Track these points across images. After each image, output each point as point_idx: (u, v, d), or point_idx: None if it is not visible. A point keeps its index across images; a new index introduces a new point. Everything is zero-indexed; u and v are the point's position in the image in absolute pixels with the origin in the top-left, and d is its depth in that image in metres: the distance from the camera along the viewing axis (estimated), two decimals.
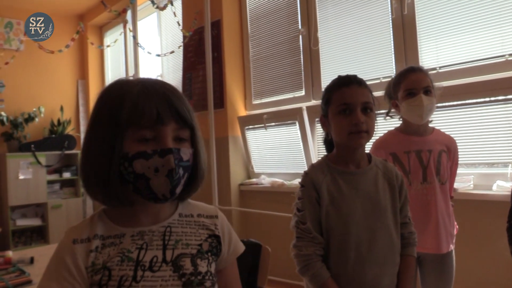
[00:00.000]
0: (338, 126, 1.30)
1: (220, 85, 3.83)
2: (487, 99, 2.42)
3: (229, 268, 1.04)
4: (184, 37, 4.05)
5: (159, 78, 0.99)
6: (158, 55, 4.36)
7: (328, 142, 1.44)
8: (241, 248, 1.06)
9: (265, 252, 1.75)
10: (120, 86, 0.91)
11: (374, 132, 1.33)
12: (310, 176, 1.33)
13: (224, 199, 3.71)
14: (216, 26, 3.86)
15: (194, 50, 4.13)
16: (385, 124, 2.13)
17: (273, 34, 3.68)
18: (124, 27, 4.96)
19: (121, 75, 5.48)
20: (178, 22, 3.89)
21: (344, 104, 1.29)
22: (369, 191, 1.33)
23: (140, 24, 5.24)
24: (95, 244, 0.89)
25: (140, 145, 0.86)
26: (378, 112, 1.93)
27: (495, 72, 2.44)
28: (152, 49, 4.53)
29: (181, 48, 4.22)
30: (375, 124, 1.32)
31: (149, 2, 3.86)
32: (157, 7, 3.66)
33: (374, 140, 1.86)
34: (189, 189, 0.96)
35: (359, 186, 1.32)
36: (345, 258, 1.27)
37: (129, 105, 0.86)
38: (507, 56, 2.40)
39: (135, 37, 4.38)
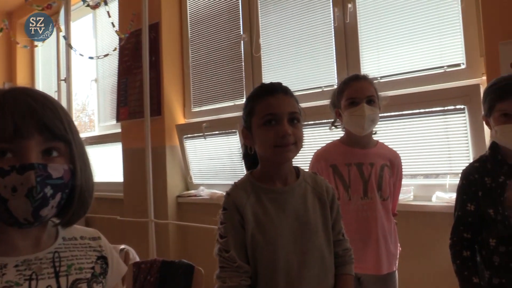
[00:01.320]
0: (263, 139, 1.17)
1: (158, 91, 3.63)
2: (426, 110, 2.41)
3: None
4: (120, 39, 3.81)
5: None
6: (91, 58, 4.08)
7: (248, 157, 1.29)
8: (124, 268, 0.98)
9: (198, 274, 1.58)
10: None
11: (315, 143, 1.22)
12: (233, 197, 1.19)
13: (161, 212, 3.49)
14: (155, 29, 3.66)
15: (130, 54, 3.89)
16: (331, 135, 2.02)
17: (214, 39, 3.54)
18: (56, 27, 4.63)
19: (53, 77, 5.12)
20: (112, 23, 3.64)
21: (270, 114, 1.16)
22: (298, 210, 1.20)
23: (76, 25, 4.93)
24: None
25: None
26: (325, 121, 1.86)
27: (434, 83, 2.44)
28: (86, 52, 4.24)
29: (117, 51, 3.97)
30: (303, 136, 1.21)
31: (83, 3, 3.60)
32: (88, 5, 3.40)
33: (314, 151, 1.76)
34: (69, 211, 0.82)
35: (286, 206, 1.20)
36: (274, 285, 1.14)
37: None
38: (445, 67, 2.41)
39: (66, 38, 4.07)
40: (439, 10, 2.41)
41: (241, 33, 3.34)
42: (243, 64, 3.33)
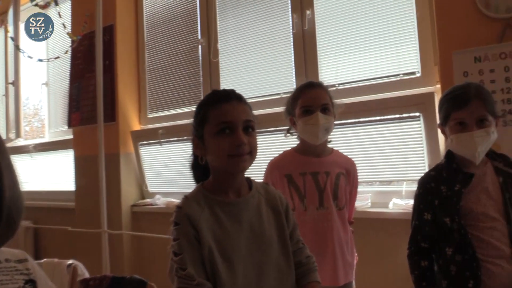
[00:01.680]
0: (216, 148, 1.11)
1: (112, 96, 3.49)
2: (383, 117, 2.42)
3: None
4: (72, 41, 3.65)
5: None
6: (40, 60, 3.88)
7: (197, 168, 1.22)
8: None
9: None
10: None
11: (275, 150, 1.17)
12: (185, 211, 1.10)
13: (114, 222, 3.34)
14: (109, 31, 3.52)
15: (83, 57, 3.73)
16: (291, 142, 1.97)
17: (171, 44, 3.45)
18: (4, 27, 4.39)
19: (0, 80, 4.84)
20: (63, 24, 3.48)
21: (224, 122, 1.11)
22: (253, 222, 1.15)
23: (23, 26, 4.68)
24: None
25: None
26: (285, 128, 1.81)
27: (390, 90, 2.46)
28: (36, 54, 4.02)
29: (69, 53, 3.80)
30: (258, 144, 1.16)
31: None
32: (37, 5, 3.23)
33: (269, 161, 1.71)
34: None
35: (241, 218, 1.14)
36: None
37: None
38: (401, 75, 2.43)
39: (13, 39, 3.86)
40: (395, 19, 2.44)
41: (199, 37, 3.27)
42: (200, 69, 3.26)
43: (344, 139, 2.54)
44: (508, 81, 1.98)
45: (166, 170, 3.43)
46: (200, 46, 3.26)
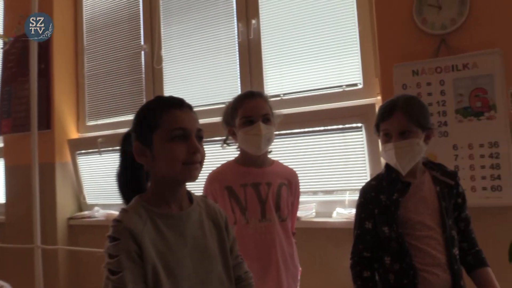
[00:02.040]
0: (170, 155, 1.05)
1: (47, 102, 3.29)
2: (326, 127, 2.46)
3: None
4: (4, 43, 3.42)
5: None
6: None
7: (125, 177, 1.15)
8: None
9: None
10: None
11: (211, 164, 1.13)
12: (126, 225, 1.01)
13: (49, 237, 3.14)
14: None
15: (16, 60, 3.51)
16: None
17: (112, 49, 3.33)
18: None
19: None
20: None
21: (180, 129, 1.06)
22: (196, 236, 1.11)
23: None
24: None
25: None
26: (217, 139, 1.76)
27: (333, 101, 2.50)
28: None
29: (0, 56, 3.56)
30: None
31: None
32: None
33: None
34: None
35: (185, 232, 1.09)
36: None
37: None
38: (344, 86, 2.48)
39: None
40: (339, 31, 2.49)
41: (142, 43, 3.17)
42: (143, 76, 3.16)
43: (288, 149, 2.55)
44: (444, 94, 2.07)
45: (106, 181, 3.27)
46: (143, 52, 3.17)
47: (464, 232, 1.43)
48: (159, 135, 1.06)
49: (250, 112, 1.57)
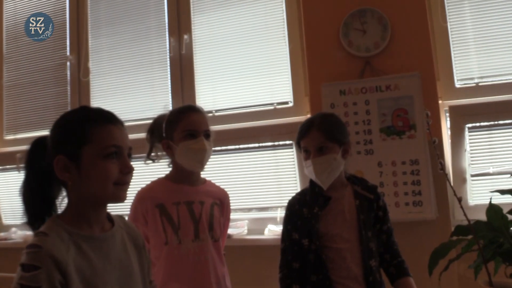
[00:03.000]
0: (102, 174, 0.98)
1: None
2: (258, 144, 2.47)
3: None
4: None
5: None
6: None
7: (34, 197, 1.04)
8: None
9: None
10: None
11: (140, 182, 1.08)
12: (48, 251, 0.90)
13: None
14: None
15: None
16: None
17: (35, 58, 3.13)
18: None
19: None
20: None
21: (115, 146, 0.99)
22: (122, 259, 1.04)
23: None
24: None
25: None
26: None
27: (265, 119, 2.53)
28: None
29: None
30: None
31: None
32: None
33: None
34: None
35: (111, 255, 1.02)
36: None
37: None
38: (275, 104, 2.52)
39: None
40: (270, 50, 2.54)
41: (68, 54, 3.02)
42: (68, 88, 3.01)
43: (219, 166, 2.53)
44: (369, 113, 2.17)
45: None
46: (68, 63, 3.02)
47: (386, 244, 1.49)
48: (89, 151, 0.98)
49: (193, 126, 1.52)
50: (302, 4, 2.37)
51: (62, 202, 1.06)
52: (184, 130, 1.52)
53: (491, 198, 1.17)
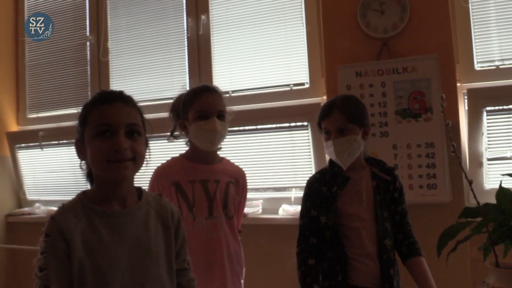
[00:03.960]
0: (94, 153, 1.02)
1: None
2: (274, 125, 2.49)
3: None
4: None
5: None
6: None
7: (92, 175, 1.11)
8: None
9: None
10: None
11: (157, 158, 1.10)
12: (58, 222, 1.00)
13: None
14: None
15: None
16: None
17: (56, 39, 3.20)
18: None
19: None
20: None
21: (104, 124, 1.02)
22: (138, 236, 1.07)
23: None
24: None
25: None
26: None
27: (281, 100, 2.54)
28: None
29: None
30: (147, 151, 1.09)
31: None
32: None
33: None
34: None
35: (124, 231, 1.06)
36: None
37: None
38: (292, 85, 2.53)
39: None
40: (287, 31, 2.54)
41: (87, 34, 3.08)
42: (88, 68, 3.08)
43: (236, 146, 2.56)
44: (385, 95, 2.16)
45: (48, 176, 3.19)
46: (88, 44, 3.08)
47: (400, 224, 1.51)
48: (87, 133, 1.04)
49: (205, 107, 1.55)
50: None
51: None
52: (197, 110, 1.55)
53: (501, 181, 1.17)
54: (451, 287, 1.96)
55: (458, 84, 2.21)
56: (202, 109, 1.55)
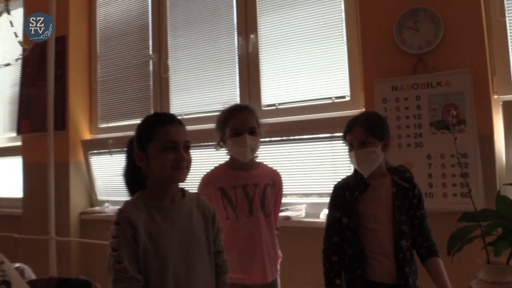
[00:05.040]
0: (162, 162, 1.31)
1: (63, 106, 3.56)
2: (316, 135, 2.68)
3: None
4: (24, 50, 3.68)
5: None
6: None
7: (132, 176, 1.43)
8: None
9: None
10: None
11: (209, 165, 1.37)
12: (126, 213, 1.31)
13: (63, 229, 3.40)
14: (61, 42, 3.59)
15: (34, 65, 3.77)
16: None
17: (123, 57, 3.58)
18: None
19: None
20: (15, 33, 3.52)
21: (170, 141, 1.32)
22: (185, 225, 1.38)
23: None
24: None
25: None
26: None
27: (324, 111, 2.72)
28: None
29: (20, 61, 3.82)
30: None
31: None
32: None
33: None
34: None
35: (175, 221, 1.36)
36: None
37: None
38: (333, 98, 2.70)
39: None
40: (329, 48, 2.71)
41: (150, 53, 3.42)
42: (151, 83, 3.41)
43: (282, 154, 2.78)
44: (419, 108, 2.29)
45: (116, 179, 3.50)
46: (151, 61, 3.42)
47: (419, 228, 1.66)
48: (153, 146, 1.33)
49: (238, 125, 1.82)
50: (359, 4, 2.52)
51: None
52: (231, 128, 1.84)
53: (499, 190, 1.30)
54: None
55: (496, 96, 2.28)
56: (235, 127, 1.83)
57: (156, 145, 1.32)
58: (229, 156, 1.94)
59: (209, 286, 1.41)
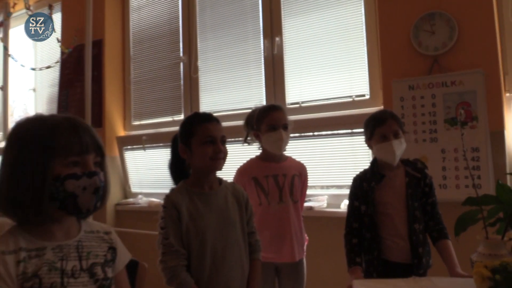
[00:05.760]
0: (203, 154, 1.55)
1: (99, 104, 3.82)
2: (337, 132, 2.87)
3: (121, 273, 1.24)
4: (63, 53, 3.96)
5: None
6: (33, 69, 4.16)
7: (176, 167, 1.66)
8: (128, 257, 1.27)
9: (142, 268, 1.87)
10: (44, 121, 1.06)
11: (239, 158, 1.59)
12: (171, 198, 1.56)
13: (99, 219, 3.56)
14: (98, 45, 3.85)
15: (72, 67, 4.04)
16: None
17: (155, 59, 3.81)
18: None
19: None
20: (57, 39, 3.79)
21: (209, 136, 1.56)
22: (221, 208, 1.60)
23: (12, 31, 4.87)
24: (22, 255, 1.00)
25: (70, 168, 1.03)
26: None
27: (345, 109, 2.90)
28: (25, 61, 4.31)
29: (58, 63, 4.10)
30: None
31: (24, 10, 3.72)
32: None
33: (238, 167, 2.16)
34: (99, 205, 1.12)
35: (212, 204, 1.59)
36: (203, 265, 1.52)
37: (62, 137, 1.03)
38: (354, 97, 2.88)
39: (6, 48, 4.13)
40: (350, 50, 2.90)
41: (181, 55, 3.65)
42: (182, 83, 3.64)
43: (306, 148, 2.97)
44: (434, 106, 2.46)
45: (148, 173, 3.77)
46: (181, 63, 3.64)
47: (431, 213, 1.84)
48: (195, 140, 1.57)
49: (274, 122, 2.05)
50: (378, 9, 2.70)
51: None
52: (268, 124, 2.07)
53: (498, 180, 1.48)
54: None
55: (508, 94, 2.44)
56: (271, 123, 2.06)
57: (197, 140, 1.56)
58: (260, 150, 2.17)
59: (244, 262, 1.62)
